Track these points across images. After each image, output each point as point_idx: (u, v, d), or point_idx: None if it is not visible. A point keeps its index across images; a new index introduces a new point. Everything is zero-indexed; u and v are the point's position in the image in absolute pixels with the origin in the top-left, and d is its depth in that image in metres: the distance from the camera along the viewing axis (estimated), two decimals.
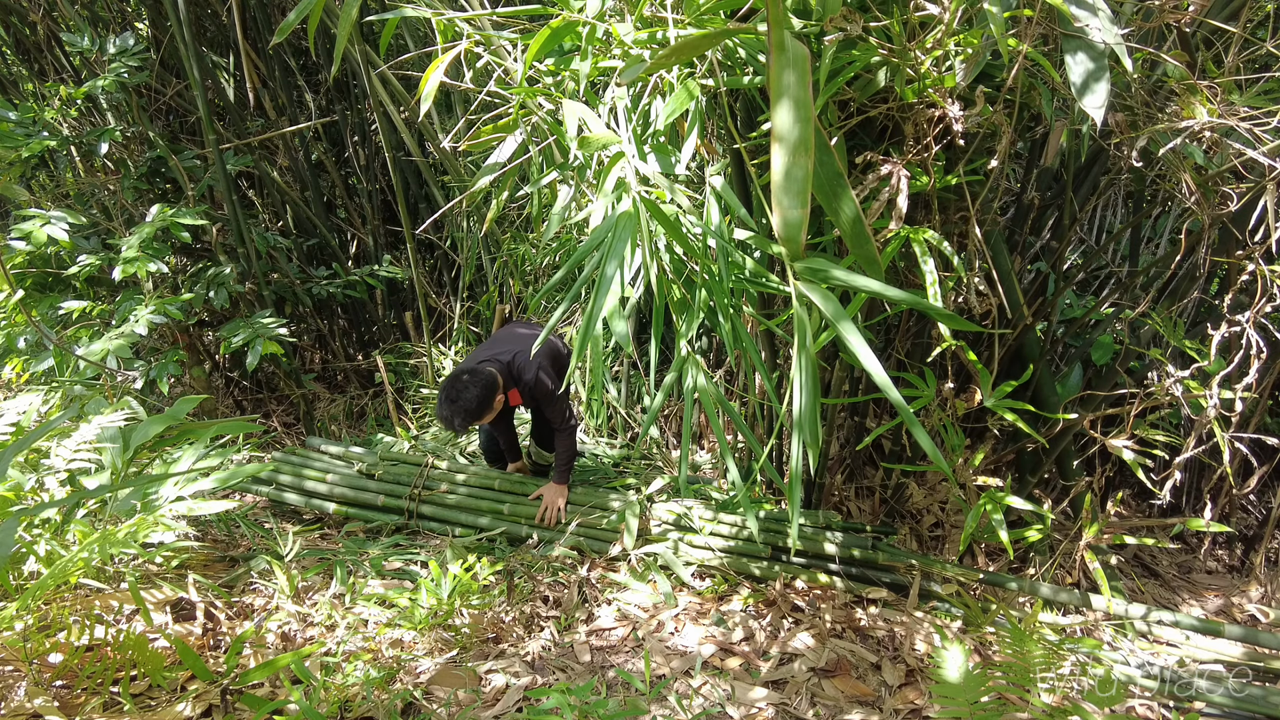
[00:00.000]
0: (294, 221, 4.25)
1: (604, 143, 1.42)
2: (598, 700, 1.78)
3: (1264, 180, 1.65)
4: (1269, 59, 1.89)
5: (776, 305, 2.56)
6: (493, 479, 2.76)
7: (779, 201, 1.00)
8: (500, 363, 2.56)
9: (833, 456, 2.71)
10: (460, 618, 2.09)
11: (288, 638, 2.04)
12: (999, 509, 2.05)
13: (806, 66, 0.96)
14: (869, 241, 1.14)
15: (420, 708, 1.78)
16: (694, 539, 2.45)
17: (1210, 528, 2.12)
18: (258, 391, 4.13)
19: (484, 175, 1.83)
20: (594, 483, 2.88)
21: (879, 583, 2.34)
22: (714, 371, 3.67)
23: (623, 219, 1.37)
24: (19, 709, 1.59)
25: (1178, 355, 2.50)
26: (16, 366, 3.01)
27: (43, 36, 3.70)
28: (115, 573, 2.15)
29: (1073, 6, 1.33)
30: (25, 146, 3.04)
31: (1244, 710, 1.89)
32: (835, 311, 1.11)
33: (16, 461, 2.16)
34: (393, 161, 3.35)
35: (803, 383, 1.18)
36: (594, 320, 1.41)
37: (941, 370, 2.20)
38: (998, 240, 2.14)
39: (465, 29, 1.76)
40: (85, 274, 3.10)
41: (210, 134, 3.30)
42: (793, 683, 1.94)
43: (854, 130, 1.89)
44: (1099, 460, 2.90)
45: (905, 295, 1.20)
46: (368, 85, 3.27)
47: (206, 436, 2.45)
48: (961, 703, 1.57)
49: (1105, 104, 1.32)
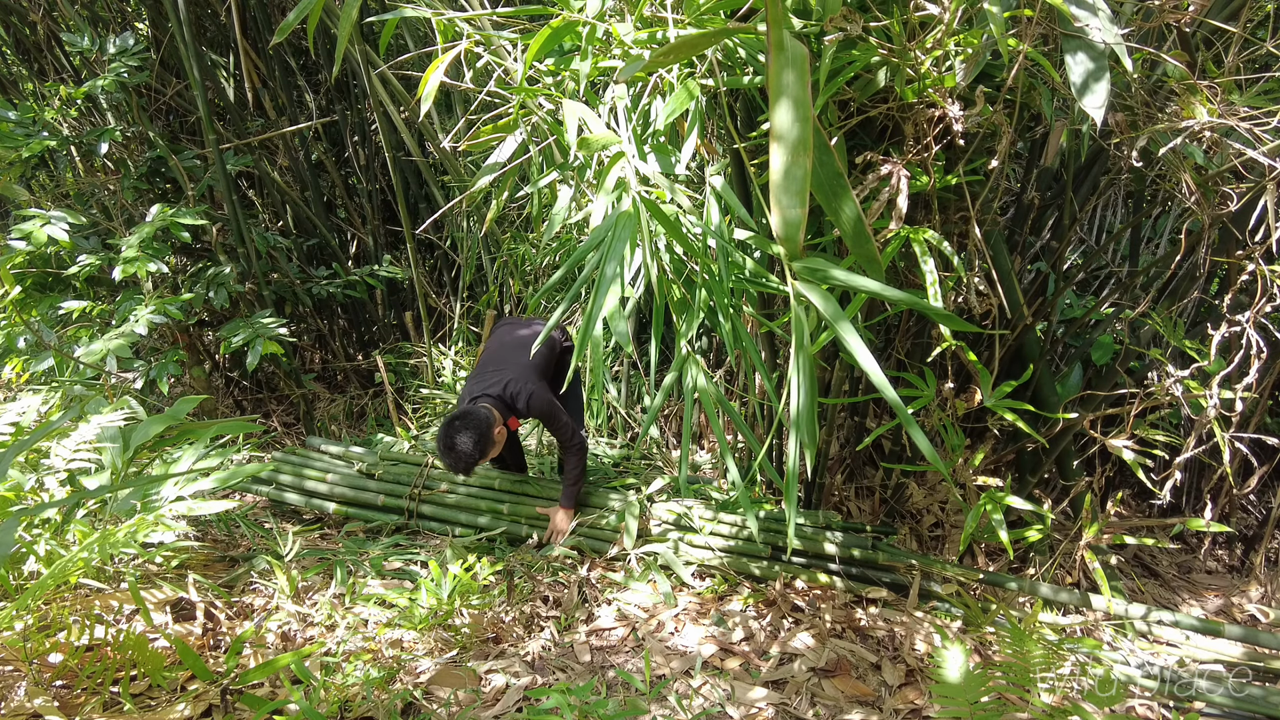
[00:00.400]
0: (294, 221, 4.25)
1: (604, 143, 1.42)
2: (598, 700, 1.78)
3: (1264, 180, 1.65)
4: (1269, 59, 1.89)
5: (776, 305, 2.56)
6: (493, 479, 2.76)
7: (778, 201, 1.00)
8: (492, 397, 2.47)
9: (833, 456, 2.71)
10: (460, 618, 2.09)
11: (288, 638, 2.04)
12: (999, 509, 2.05)
13: (805, 66, 0.96)
14: (869, 241, 1.14)
15: (420, 708, 1.78)
16: (694, 539, 2.45)
17: (1210, 528, 2.12)
18: (258, 391, 4.13)
19: (484, 175, 1.83)
20: (594, 483, 2.88)
21: (879, 583, 2.34)
22: (714, 371, 3.67)
23: (622, 219, 1.37)
24: (19, 709, 1.59)
25: (1178, 355, 2.50)
26: (16, 366, 3.01)
27: (43, 36, 3.70)
28: (115, 573, 2.14)
29: (1072, 6, 1.33)
30: (25, 146, 3.04)
31: (1244, 710, 1.89)
32: (833, 311, 1.11)
33: (16, 461, 2.16)
34: (393, 161, 3.35)
35: (800, 382, 1.18)
36: (593, 320, 1.41)
37: (941, 370, 2.20)
38: (998, 240, 2.14)
39: (465, 29, 1.76)
40: (85, 274, 3.10)
41: (210, 134, 3.30)
42: (793, 683, 1.94)
43: (854, 130, 1.89)
44: (1099, 460, 2.90)
45: (904, 295, 1.20)
46: (368, 85, 3.28)
47: (206, 436, 2.45)
48: (961, 703, 1.57)
49: (1105, 104, 1.32)
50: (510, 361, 2.59)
